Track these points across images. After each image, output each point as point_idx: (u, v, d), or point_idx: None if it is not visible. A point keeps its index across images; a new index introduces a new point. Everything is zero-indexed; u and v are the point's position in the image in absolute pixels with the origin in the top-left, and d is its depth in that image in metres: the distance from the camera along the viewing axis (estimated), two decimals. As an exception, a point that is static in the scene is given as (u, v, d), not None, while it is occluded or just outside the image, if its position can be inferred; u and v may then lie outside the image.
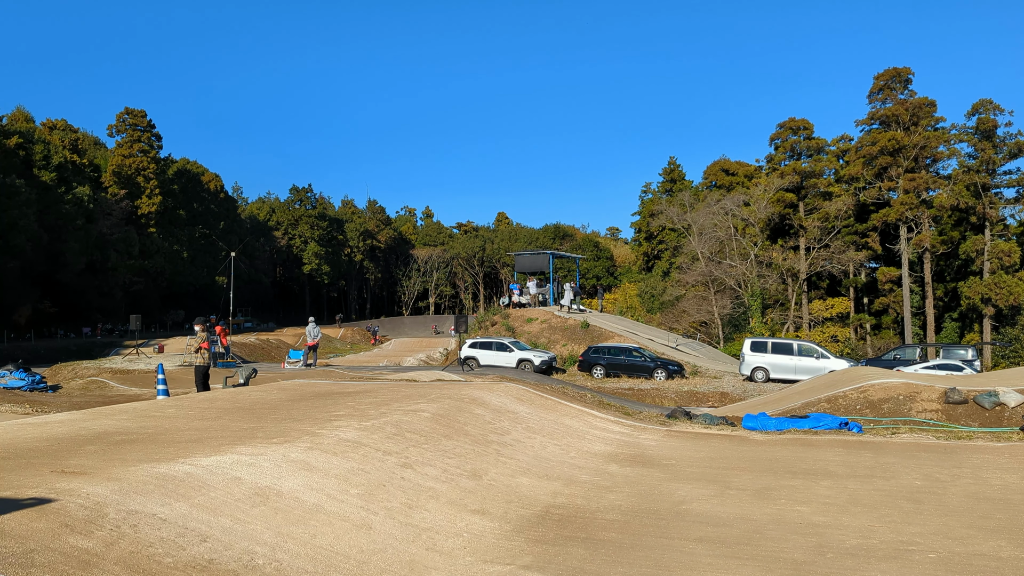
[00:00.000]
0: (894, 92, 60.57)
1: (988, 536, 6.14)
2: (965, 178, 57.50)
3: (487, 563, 5.32)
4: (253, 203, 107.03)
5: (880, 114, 60.51)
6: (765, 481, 8.28)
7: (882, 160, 58.91)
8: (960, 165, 59.31)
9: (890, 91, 60.55)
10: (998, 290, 53.92)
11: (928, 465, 9.15)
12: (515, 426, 10.34)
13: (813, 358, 27.43)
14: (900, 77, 60.64)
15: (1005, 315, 55.01)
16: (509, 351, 32.05)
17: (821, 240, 61.04)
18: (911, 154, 58.12)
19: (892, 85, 60.59)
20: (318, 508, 5.73)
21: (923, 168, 59.50)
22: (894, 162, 58.60)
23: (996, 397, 14.49)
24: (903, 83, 60.68)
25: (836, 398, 16.02)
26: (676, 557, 5.58)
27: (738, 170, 74.24)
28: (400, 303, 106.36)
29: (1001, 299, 53.74)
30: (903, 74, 60.59)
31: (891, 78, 60.67)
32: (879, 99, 61.09)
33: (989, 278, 55.37)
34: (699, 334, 52.88)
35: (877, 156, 59.07)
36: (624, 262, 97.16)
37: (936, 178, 59.27)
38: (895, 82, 60.63)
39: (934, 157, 59.73)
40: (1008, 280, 54.12)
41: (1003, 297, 53.66)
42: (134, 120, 72.61)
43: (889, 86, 60.62)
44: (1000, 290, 53.83)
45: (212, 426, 8.52)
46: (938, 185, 58.82)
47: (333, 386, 13.87)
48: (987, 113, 57.80)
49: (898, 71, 60.67)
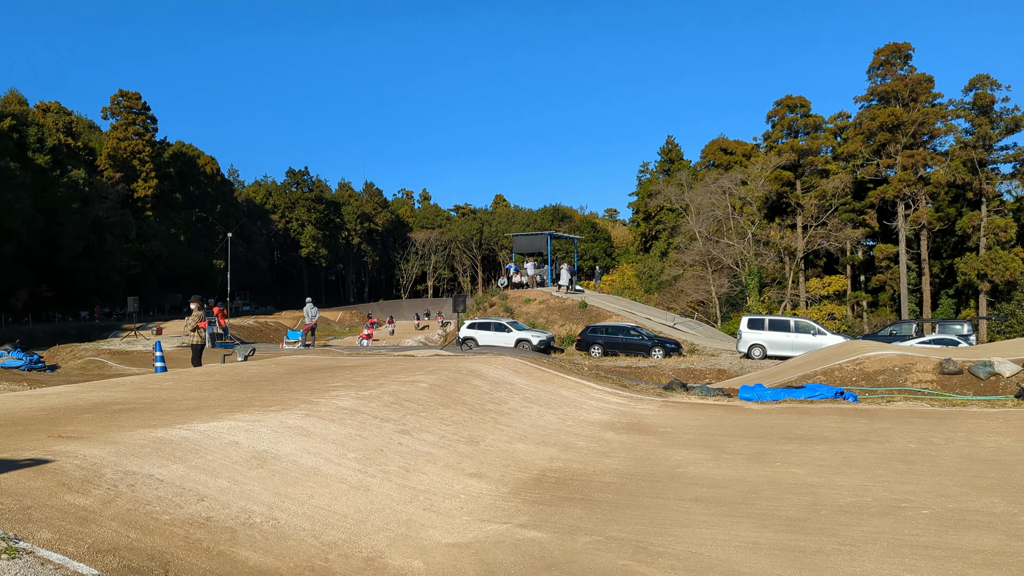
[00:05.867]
0: (894, 68, 60.31)
1: (981, 494, 6.20)
2: (962, 154, 57.39)
3: (484, 522, 5.36)
4: (249, 186, 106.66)
5: (880, 90, 60.27)
6: (760, 446, 8.33)
7: (881, 136, 58.75)
8: (957, 141, 59.22)
9: (890, 67, 60.29)
10: (994, 266, 54.00)
11: (922, 429, 9.21)
12: (512, 396, 10.38)
13: (810, 335, 27.50)
14: (900, 52, 60.35)
15: (1001, 291, 55.13)
16: (507, 331, 32.08)
17: (818, 218, 60.98)
18: (910, 130, 57.96)
19: (892, 60, 60.32)
20: (316, 471, 5.76)
21: (921, 144, 59.37)
22: (893, 138, 58.45)
23: (991, 367, 14.55)
24: (903, 58, 60.41)
25: (832, 370, 16.09)
26: (671, 516, 5.62)
27: (736, 149, 73.99)
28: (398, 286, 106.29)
29: (997, 275, 53.84)
30: (903, 49, 60.30)
31: (891, 53, 60.39)
32: (879, 74, 60.85)
33: (985, 254, 55.41)
34: (697, 313, 52.98)
35: (876, 132, 58.91)
36: (622, 243, 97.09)
37: (934, 154, 59.16)
38: (895, 57, 60.36)
39: (931, 133, 59.59)
40: (1004, 256, 54.19)
41: (999, 273, 53.75)
42: (128, 102, 72.12)
43: (889, 61, 60.35)
44: (996, 266, 53.91)
45: (210, 396, 8.54)
46: (935, 161, 58.71)
47: (331, 360, 13.90)
48: (984, 88, 57.59)
49: (898, 46, 60.37)
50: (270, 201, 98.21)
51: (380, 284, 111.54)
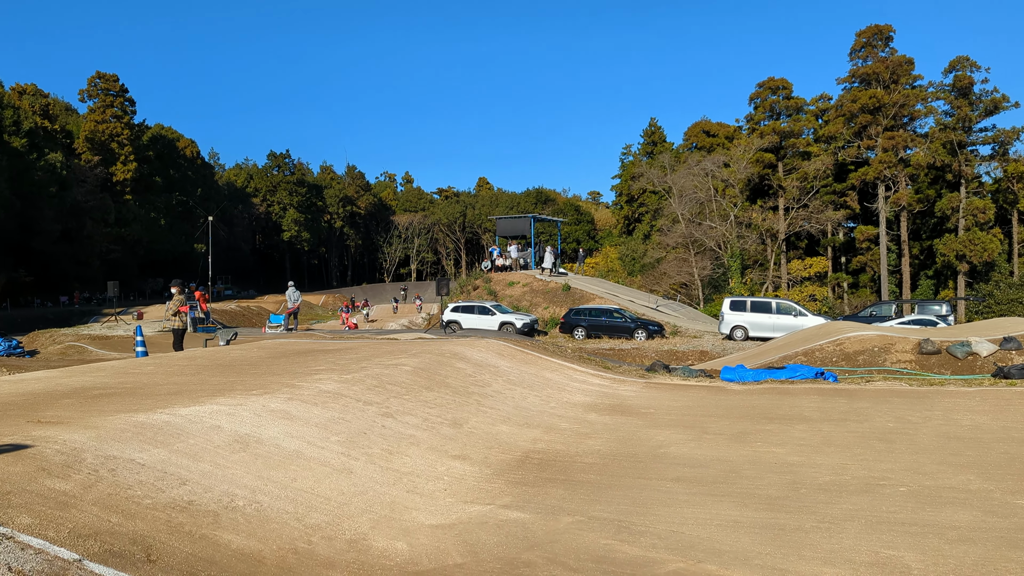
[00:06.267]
0: (875, 50, 60.54)
1: (958, 471, 6.30)
2: (942, 136, 57.84)
3: (467, 503, 5.39)
4: (230, 169, 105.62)
5: (861, 72, 60.51)
6: (742, 426, 8.42)
7: (862, 118, 59.05)
8: (937, 123, 59.64)
9: (871, 49, 60.50)
10: (972, 247, 54.61)
11: (900, 409, 9.34)
12: (496, 379, 10.41)
13: (791, 316, 27.74)
14: (882, 34, 60.56)
15: (979, 271, 55.83)
16: (491, 314, 32.11)
17: (800, 200, 61.30)
18: (890, 112, 58.29)
19: (874, 42, 60.53)
20: (298, 454, 5.76)
21: (901, 126, 59.75)
22: (874, 120, 58.77)
23: (968, 347, 14.77)
24: (885, 40, 60.64)
25: (813, 351, 16.26)
26: (653, 495, 5.68)
27: (718, 131, 74.11)
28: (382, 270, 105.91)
29: (975, 256, 54.48)
30: (884, 31, 60.51)
31: (873, 35, 60.59)
32: (860, 56, 61.08)
33: (964, 235, 56.02)
34: (679, 295, 53.24)
35: (857, 115, 59.21)
36: (605, 225, 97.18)
37: (914, 136, 59.54)
38: (877, 39, 60.56)
39: (912, 115, 59.95)
40: (982, 237, 54.80)
41: (977, 254, 54.38)
42: (106, 85, 71.01)
43: (871, 43, 60.55)
44: (974, 247, 54.52)
45: (191, 380, 8.50)
46: (916, 143, 59.11)
47: (314, 344, 13.86)
48: (964, 70, 57.95)
49: (880, 28, 60.57)
50: (251, 184, 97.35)
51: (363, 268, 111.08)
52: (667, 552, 4.43)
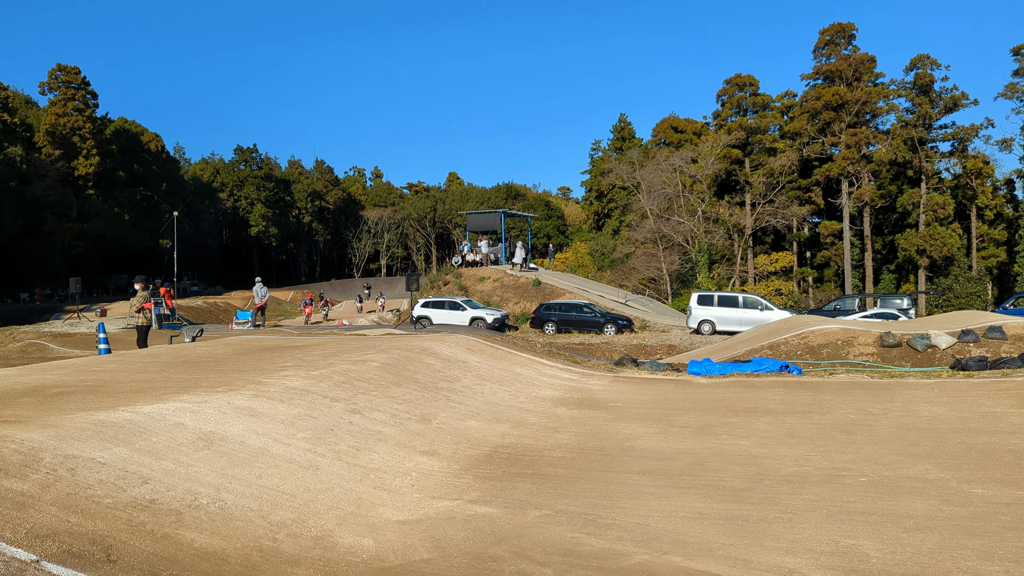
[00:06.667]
0: (838, 48, 61.42)
1: (916, 461, 6.44)
2: (903, 132, 58.90)
3: (435, 499, 5.39)
4: (196, 164, 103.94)
5: (824, 69, 61.35)
6: (707, 419, 8.52)
7: (826, 115, 59.90)
8: (898, 120, 60.72)
9: (834, 46, 61.38)
10: (932, 242, 55.74)
11: (862, 401, 9.52)
12: (465, 374, 10.41)
13: (758, 310, 28.13)
14: (844, 32, 61.46)
15: (939, 266, 57.02)
16: (462, 310, 32.08)
17: (766, 195, 62.05)
18: (853, 109, 59.20)
19: (837, 40, 61.41)
20: (264, 451, 5.71)
21: (864, 123, 60.73)
22: (837, 117, 59.65)
23: (928, 340, 15.09)
24: (847, 38, 61.55)
25: (778, 344, 16.49)
26: (620, 488, 5.73)
27: (686, 127, 74.67)
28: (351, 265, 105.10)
29: (935, 250, 55.61)
30: (847, 29, 61.41)
31: (836, 33, 61.46)
32: (824, 54, 61.93)
33: (924, 230, 57.15)
34: (648, 290, 53.62)
35: (821, 111, 60.04)
36: (575, 221, 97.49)
37: (876, 133, 60.55)
38: (840, 37, 61.45)
39: (874, 112, 60.96)
40: (942, 232, 55.96)
41: (937, 248, 55.52)
42: (67, 77, 69.42)
43: (834, 41, 61.42)
44: (934, 242, 55.66)
45: (155, 378, 8.37)
46: (878, 140, 60.13)
47: (281, 340, 13.73)
48: (924, 68, 59.05)
49: (842, 26, 61.46)
50: (218, 179, 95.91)
51: (332, 263, 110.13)
52: (633, 544, 4.47)
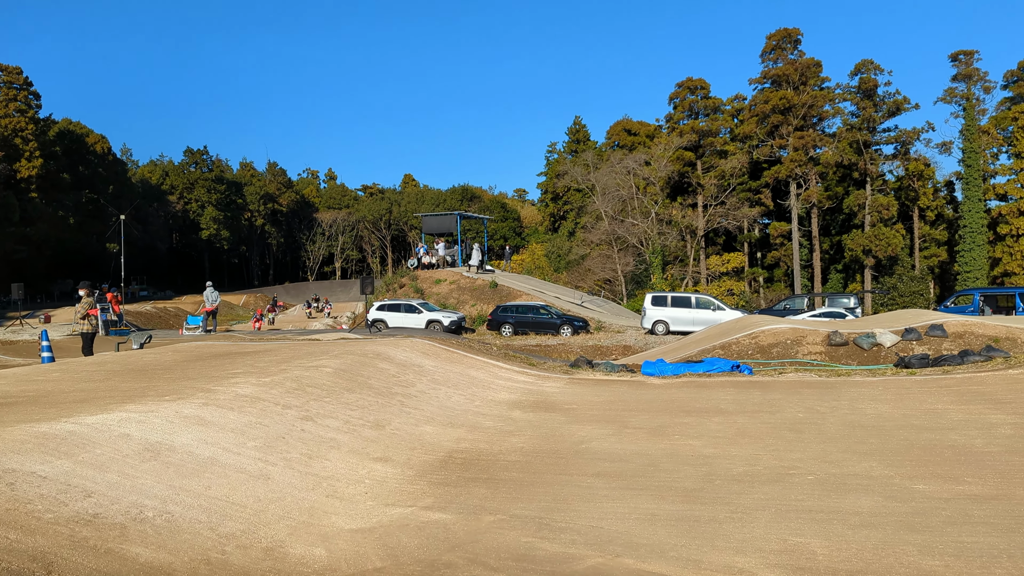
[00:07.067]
0: (785, 52, 62.80)
1: (861, 459, 6.61)
2: (848, 136, 60.51)
3: (388, 506, 5.35)
4: (144, 166, 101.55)
5: (772, 73, 62.67)
6: (661, 420, 8.62)
7: (774, 119, 61.17)
8: (844, 123, 62.41)
9: (781, 51, 62.75)
10: (878, 242, 57.35)
11: (810, 399, 9.73)
12: (420, 378, 10.36)
13: (710, 310, 28.60)
14: (790, 37, 62.87)
15: (884, 265, 58.69)
16: (418, 312, 31.94)
17: (718, 197, 63.11)
18: (800, 112, 60.58)
19: (783, 45, 62.78)
20: (213, 461, 5.60)
21: (811, 126, 62.21)
22: (785, 120, 60.96)
23: (873, 338, 15.52)
24: (793, 43, 62.97)
25: (730, 344, 16.77)
26: (574, 491, 5.76)
27: (640, 130, 75.54)
28: (305, 268, 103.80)
29: (880, 250, 57.23)
30: (793, 35, 62.84)
31: (782, 38, 62.83)
32: (771, 59, 63.27)
33: (870, 231, 58.76)
34: (603, 291, 54.07)
35: (769, 115, 61.30)
36: (531, 223, 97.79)
37: (823, 136, 62.09)
38: (786, 42, 62.83)
39: (820, 116, 62.51)
40: (886, 232, 57.64)
41: (882, 248, 57.15)
42: (9, 77, 67.32)
43: (780, 46, 62.78)
44: (879, 242, 57.28)
45: (100, 387, 8.15)
46: (824, 143, 61.67)
47: (232, 346, 13.49)
48: (868, 73, 60.75)
49: (788, 32, 62.87)
50: (167, 181, 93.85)
51: (286, 266, 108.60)
52: (586, 548, 4.50)
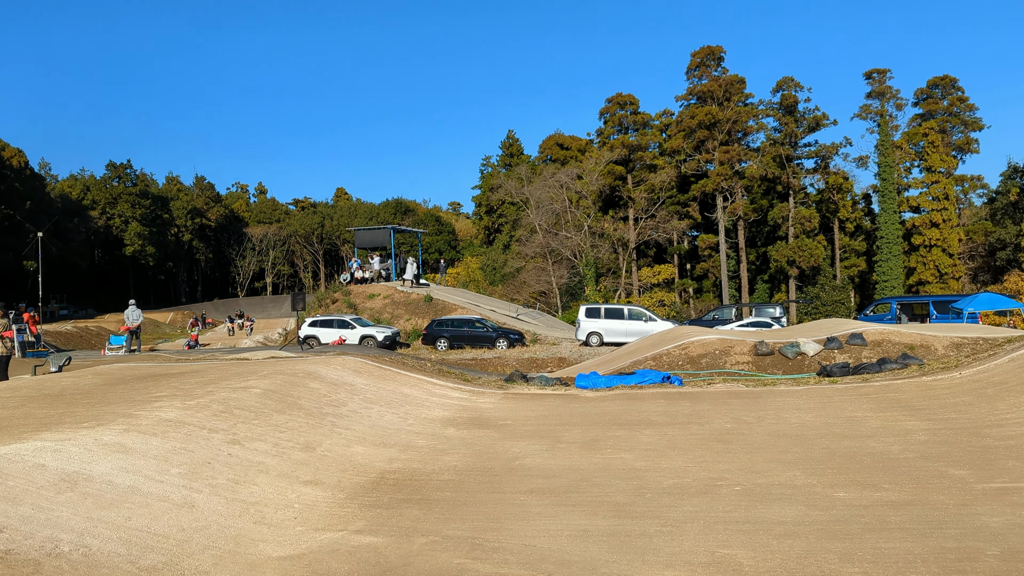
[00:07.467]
0: (709, 69, 64.62)
1: (786, 468, 6.83)
2: (772, 150, 62.60)
3: (318, 531, 5.26)
4: (64, 180, 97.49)
5: (697, 90, 64.38)
6: (593, 433, 8.72)
7: (700, 134, 62.80)
8: (767, 138, 64.54)
9: (705, 68, 64.54)
10: (801, 253, 59.41)
11: (738, 410, 9.99)
12: (352, 398, 10.22)
13: (642, 321, 29.08)
14: (714, 55, 64.73)
15: (807, 275, 60.79)
16: (351, 328, 31.53)
17: (648, 210, 64.35)
18: (725, 128, 62.39)
19: (707, 62, 64.58)
20: (134, 490, 5.41)
21: (736, 141, 64.12)
22: (710, 135, 62.67)
23: (798, 348, 16.04)
24: (716, 60, 64.85)
25: (661, 355, 17.09)
26: (507, 509, 5.77)
27: (572, 144, 76.48)
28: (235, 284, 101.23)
29: (803, 261, 59.30)
30: (716, 52, 64.71)
31: (706, 56, 64.62)
32: (696, 75, 64.99)
33: (793, 242, 60.81)
34: (539, 304, 54.40)
35: (696, 130, 62.90)
36: (466, 236, 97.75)
37: (747, 150, 64.07)
38: (710, 59, 64.65)
39: (745, 131, 64.51)
40: (809, 243, 59.78)
41: (805, 259, 59.22)
42: (-92, 86, 63.90)
43: (704, 63, 64.57)
44: (802, 252, 59.34)
45: (14, 414, 7.78)
46: (749, 157, 63.64)
47: (156, 368, 13.05)
48: (789, 90, 63.03)
49: (712, 49, 64.72)
50: (88, 196, 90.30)
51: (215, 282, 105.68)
52: (519, 567, 4.51)
